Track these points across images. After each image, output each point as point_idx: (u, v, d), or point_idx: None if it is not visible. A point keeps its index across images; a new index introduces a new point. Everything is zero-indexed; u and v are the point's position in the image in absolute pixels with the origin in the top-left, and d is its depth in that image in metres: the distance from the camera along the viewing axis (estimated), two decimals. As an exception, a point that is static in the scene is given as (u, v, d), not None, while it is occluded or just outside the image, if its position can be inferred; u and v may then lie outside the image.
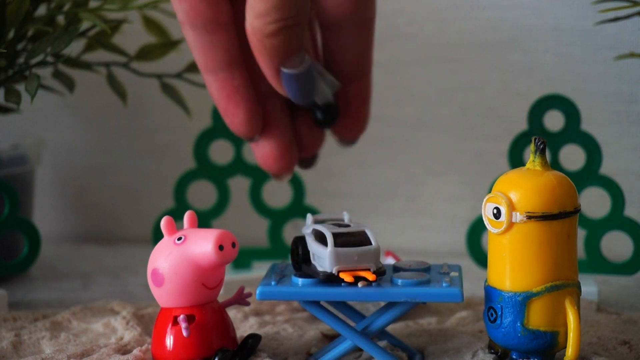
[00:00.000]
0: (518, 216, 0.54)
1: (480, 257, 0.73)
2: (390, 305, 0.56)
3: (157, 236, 0.66)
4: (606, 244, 0.72)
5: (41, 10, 0.81)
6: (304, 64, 0.61)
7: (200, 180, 0.77)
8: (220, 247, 0.56)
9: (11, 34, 0.72)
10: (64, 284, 0.78)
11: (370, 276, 0.54)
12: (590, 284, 0.71)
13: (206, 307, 0.57)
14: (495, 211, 0.55)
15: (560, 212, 0.54)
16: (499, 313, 0.55)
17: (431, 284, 0.55)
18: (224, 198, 0.77)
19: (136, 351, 0.58)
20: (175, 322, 0.56)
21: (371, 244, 0.55)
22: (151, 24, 0.82)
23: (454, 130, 0.87)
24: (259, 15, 0.58)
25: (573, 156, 0.73)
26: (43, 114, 0.92)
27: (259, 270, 0.75)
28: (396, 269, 0.58)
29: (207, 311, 0.57)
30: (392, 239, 0.87)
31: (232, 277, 0.74)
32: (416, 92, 0.88)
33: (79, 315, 0.67)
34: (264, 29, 0.59)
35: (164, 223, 0.57)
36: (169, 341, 0.57)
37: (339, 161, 0.89)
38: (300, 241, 0.57)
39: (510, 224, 0.55)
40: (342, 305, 0.60)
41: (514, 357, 0.56)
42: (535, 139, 0.56)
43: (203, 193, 0.79)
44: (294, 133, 0.66)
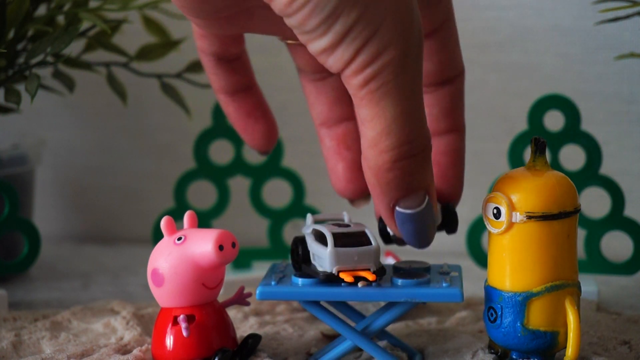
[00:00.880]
0: (518, 216, 0.54)
1: (480, 257, 0.73)
2: (390, 305, 0.56)
3: (157, 236, 0.66)
4: (606, 244, 0.72)
5: (41, 10, 0.81)
6: (424, 204, 0.53)
7: (200, 180, 0.77)
8: (220, 247, 0.56)
9: (11, 34, 0.72)
10: (64, 284, 0.78)
11: (370, 276, 0.54)
12: (590, 284, 0.71)
13: (206, 307, 0.57)
14: (495, 211, 0.55)
15: (560, 212, 0.54)
16: (499, 313, 0.55)
17: (431, 284, 0.55)
18: (224, 198, 0.77)
19: (136, 351, 0.58)
20: (175, 322, 0.56)
21: (371, 244, 0.55)
22: (151, 24, 0.82)
23: (454, 130, 0.87)
24: (371, 144, 0.51)
25: (573, 156, 0.73)
26: (43, 114, 0.92)
27: (259, 270, 0.75)
28: (396, 269, 0.58)
29: (207, 311, 0.57)
30: (392, 239, 0.87)
31: (232, 277, 0.74)
32: (416, 92, 0.87)
33: (79, 315, 0.67)
34: (377, 160, 0.51)
35: (164, 223, 0.57)
36: (169, 341, 0.57)
37: (339, 161, 0.89)
38: (300, 241, 0.57)
39: (510, 224, 0.55)
40: (342, 305, 0.60)
41: (514, 357, 0.56)
42: (535, 139, 0.56)
43: (203, 193, 0.79)
44: None
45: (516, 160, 0.72)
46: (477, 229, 0.73)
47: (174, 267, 0.56)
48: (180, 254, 0.56)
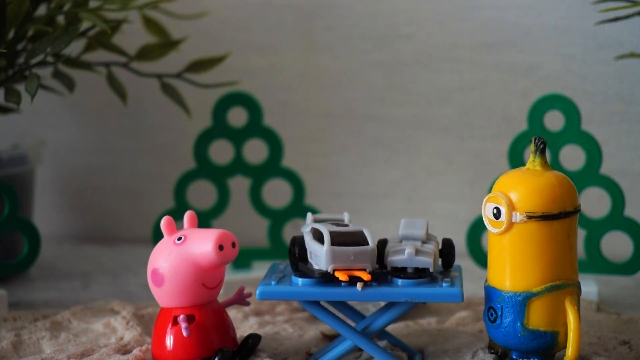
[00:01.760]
0: (518, 216, 0.54)
1: (480, 257, 0.73)
2: (390, 305, 0.56)
3: (157, 236, 0.66)
4: (606, 244, 0.72)
5: (41, 10, 0.81)
6: None
7: (200, 180, 0.77)
8: (220, 247, 0.56)
9: (11, 34, 0.72)
10: (64, 284, 0.78)
11: (366, 276, 0.54)
12: (590, 284, 0.71)
13: (206, 307, 0.57)
14: (495, 211, 0.55)
15: (560, 212, 0.54)
16: (499, 313, 0.55)
17: (431, 284, 0.55)
18: (224, 198, 0.77)
19: (136, 351, 0.58)
20: (175, 322, 0.56)
21: (368, 244, 0.55)
22: (151, 24, 0.82)
23: (454, 130, 0.87)
24: None
25: (573, 156, 0.73)
26: (43, 114, 0.92)
27: (259, 270, 0.75)
28: (396, 269, 0.58)
29: (207, 311, 0.57)
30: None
31: (232, 277, 0.74)
32: (416, 92, 0.88)
33: (79, 315, 0.67)
34: None
35: (164, 223, 0.57)
36: (169, 341, 0.57)
37: (339, 161, 0.89)
38: (297, 241, 0.57)
39: (510, 224, 0.55)
40: (342, 305, 0.60)
41: (514, 357, 0.56)
42: (535, 139, 0.56)
43: (203, 193, 0.79)
44: None
45: (516, 160, 0.72)
46: (477, 229, 0.73)
47: (174, 267, 0.56)
48: (180, 254, 0.56)
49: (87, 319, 0.67)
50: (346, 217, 0.59)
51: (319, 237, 0.56)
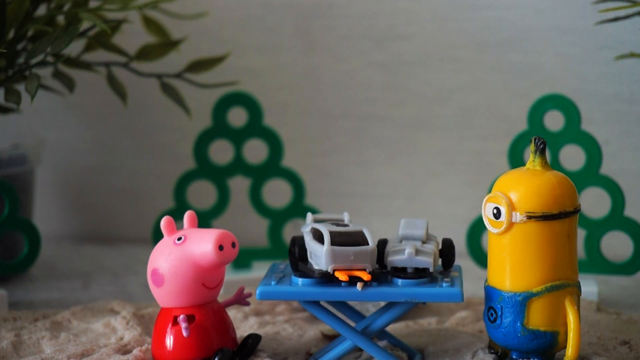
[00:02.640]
0: (518, 216, 0.54)
1: (480, 257, 0.73)
2: (390, 305, 0.56)
3: (157, 236, 0.66)
4: (606, 244, 0.72)
5: (41, 10, 0.81)
6: None
7: (200, 180, 0.77)
8: (220, 247, 0.56)
9: (11, 34, 0.72)
10: (64, 284, 0.78)
11: (365, 276, 0.54)
12: (590, 284, 0.71)
13: (206, 307, 0.57)
14: (495, 211, 0.55)
15: (560, 212, 0.54)
16: (499, 313, 0.55)
17: (431, 284, 0.55)
18: (224, 198, 0.77)
19: (136, 351, 0.58)
20: (175, 322, 0.56)
21: (368, 244, 0.55)
22: (151, 24, 0.82)
23: (454, 130, 0.87)
24: None
25: (573, 156, 0.73)
26: (43, 114, 0.92)
27: (259, 270, 0.75)
28: (396, 269, 0.58)
29: (207, 311, 0.57)
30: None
31: (232, 277, 0.74)
32: (416, 92, 0.88)
33: (79, 315, 0.67)
34: None
35: (164, 223, 0.57)
36: (169, 341, 0.57)
37: (339, 161, 0.89)
38: (297, 240, 0.57)
39: (510, 224, 0.55)
40: (342, 305, 0.60)
41: (514, 357, 0.56)
42: (535, 139, 0.56)
43: (203, 193, 0.79)
44: None
45: (516, 160, 0.72)
46: (477, 229, 0.73)
47: (174, 267, 0.56)
48: (180, 254, 0.56)
49: (87, 319, 0.67)
50: (346, 217, 0.59)
51: (319, 237, 0.56)
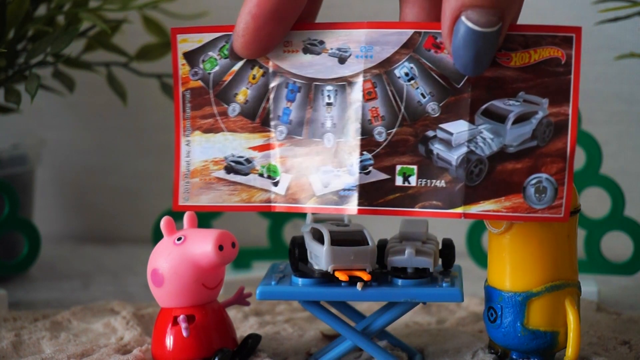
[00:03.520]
0: (518, 216, 0.54)
1: (480, 257, 0.73)
2: (390, 305, 0.56)
3: (157, 236, 0.66)
4: (606, 244, 0.72)
5: (41, 10, 0.81)
6: (494, 27, 0.47)
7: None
8: (220, 247, 0.56)
9: (11, 34, 0.72)
10: (64, 284, 0.78)
11: (366, 276, 0.54)
12: (590, 284, 0.71)
13: (206, 307, 0.57)
14: (495, 211, 0.55)
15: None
16: (499, 313, 0.55)
17: (431, 284, 0.55)
18: (224, 198, 0.77)
19: (136, 351, 0.58)
20: (175, 322, 0.56)
21: (368, 244, 0.55)
22: (151, 24, 0.82)
23: (454, 130, 0.87)
24: None
25: (573, 156, 0.73)
26: (43, 114, 0.92)
27: (259, 270, 0.75)
28: (396, 269, 0.58)
29: (207, 311, 0.57)
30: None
31: (232, 277, 0.74)
32: (416, 92, 0.87)
33: (79, 315, 0.67)
34: None
35: (163, 223, 0.57)
36: (169, 341, 0.57)
37: (339, 161, 0.89)
38: (297, 240, 0.57)
39: (511, 224, 0.54)
40: (342, 305, 0.59)
41: (514, 357, 0.56)
42: (535, 139, 0.56)
43: (203, 193, 0.79)
44: None
45: (516, 160, 0.72)
46: (477, 229, 0.73)
47: (174, 268, 0.56)
48: (180, 254, 0.56)
49: (87, 319, 0.67)
50: (346, 217, 0.59)
51: (319, 237, 0.56)
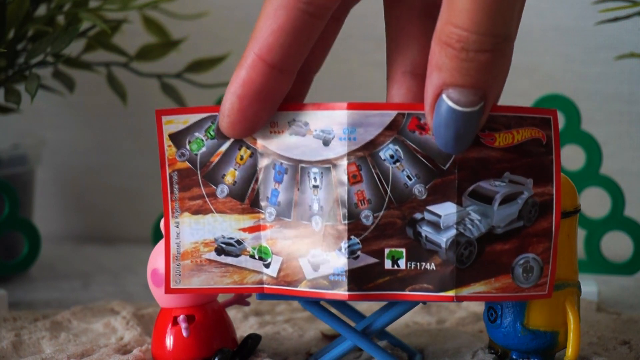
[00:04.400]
0: (518, 216, 0.54)
1: (480, 257, 0.73)
2: (390, 305, 0.56)
3: (157, 236, 0.66)
4: (606, 244, 0.72)
5: (41, 10, 0.81)
6: (475, 107, 0.48)
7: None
8: (220, 247, 0.55)
9: (11, 34, 0.72)
10: (64, 284, 0.78)
11: None
12: (590, 284, 0.71)
13: (206, 307, 0.57)
14: (495, 211, 0.55)
15: (561, 212, 0.54)
16: (499, 313, 0.55)
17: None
18: (224, 198, 0.77)
19: (136, 351, 0.58)
20: (175, 322, 0.56)
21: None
22: (151, 24, 0.82)
23: (454, 130, 0.87)
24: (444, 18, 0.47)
25: (573, 156, 0.73)
26: (43, 114, 0.92)
27: (259, 270, 0.75)
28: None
29: (207, 311, 0.57)
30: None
31: (232, 277, 0.74)
32: (416, 92, 0.87)
33: (79, 315, 0.67)
34: (443, 31, 0.46)
35: (163, 223, 0.57)
36: (169, 341, 0.57)
37: (339, 161, 0.89)
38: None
39: (510, 224, 0.54)
40: (342, 305, 0.59)
41: (514, 357, 0.56)
42: (535, 139, 0.56)
43: (203, 193, 0.79)
44: None
45: (516, 160, 0.72)
46: (477, 229, 0.73)
47: (174, 267, 0.56)
48: (180, 254, 0.56)
49: (87, 319, 0.67)
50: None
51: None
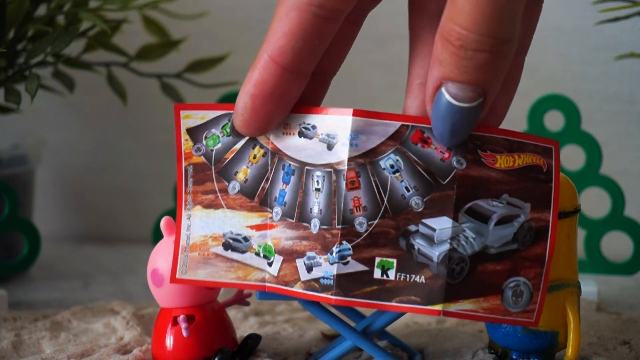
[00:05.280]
0: (518, 216, 0.54)
1: (480, 257, 0.73)
2: (390, 305, 0.56)
3: (157, 236, 0.66)
4: (606, 244, 0.72)
5: (41, 10, 0.81)
6: (473, 103, 0.49)
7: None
8: (220, 247, 0.56)
9: (11, 34, 0.72)
10: (64, 284, 0.78)
11: None
12: (590, 284, 0.71)
13: (206, 307, 0.57)
14: (495, 211, 0.55)
15: (560, 212, 0.54)
16: (499, 313, 0.55)
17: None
18: (224, 198, 0.77)
19: (136, 351, 0.58)
20: (175, 322, 0.56)
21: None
22: (151, 24, 0.82)
23: (454, 130, 0.87)
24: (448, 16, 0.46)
25: (573, 156, 0.73)
26: (43, 114, 0.92)
27: (259, 270, 0.75)
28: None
29: (207, 311, 0.57)
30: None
31: (232, 277, 0.74)
32: (416, 92, 0.87)
33: (79, 315, 0.67)
34: (445, 27, 0.46)
35: (163, 223, 0.57)
36: (169, 341, 0.57)
37: (339, 161, 0.89)
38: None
39: (510, 224, 0.54)
40: (342, 306, 0.59)
41: (514, 357, 0.56)
42: (535, 139, 0.56)
43: (203, 193, 0.79)
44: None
45: (516, 160, 0.72)
46: (477, 229, 0.73)
47: (174, 267, 0.56)
48: (180, 254, 0.56)
49: (87, 319, 0.67)
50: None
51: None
